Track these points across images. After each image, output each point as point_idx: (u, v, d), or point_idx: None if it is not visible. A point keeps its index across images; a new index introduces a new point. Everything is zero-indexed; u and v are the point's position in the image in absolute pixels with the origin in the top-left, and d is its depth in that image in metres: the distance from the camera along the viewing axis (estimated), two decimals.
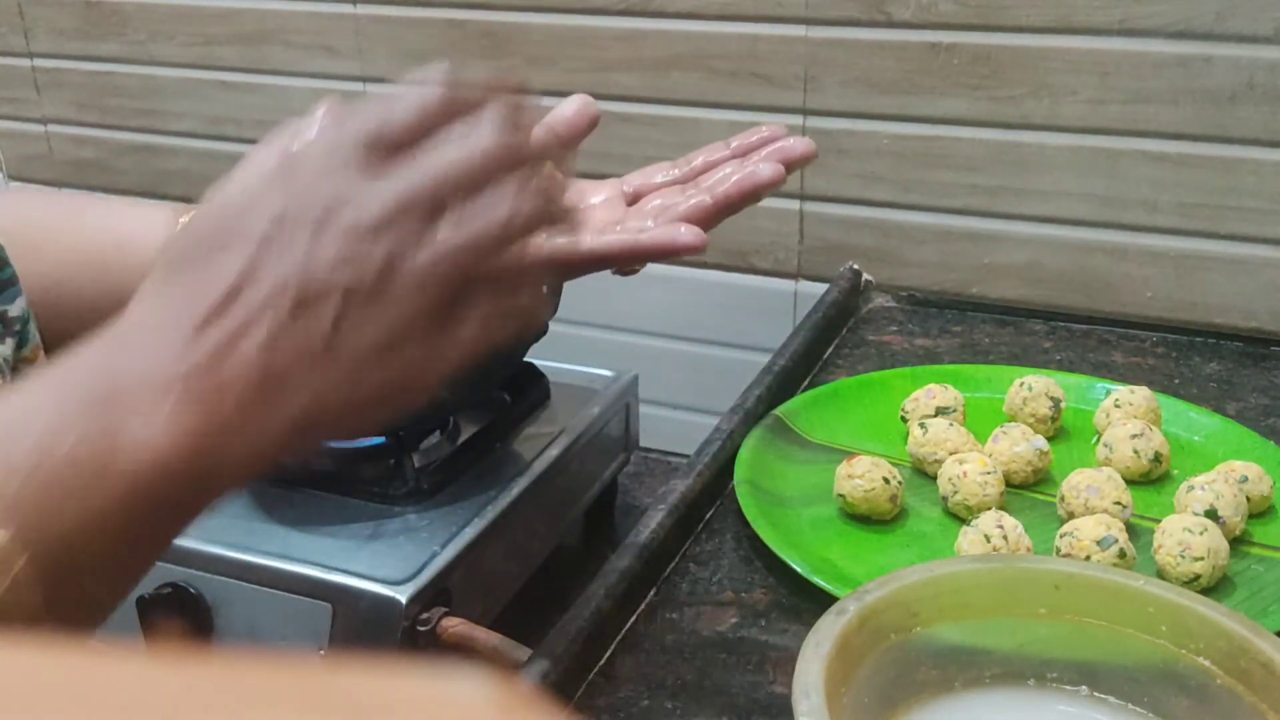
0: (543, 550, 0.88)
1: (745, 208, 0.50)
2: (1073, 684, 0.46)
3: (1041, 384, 0.75)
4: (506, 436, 0.89)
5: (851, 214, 1.02)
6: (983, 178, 0.97)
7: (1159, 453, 0.69)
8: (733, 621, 0.61)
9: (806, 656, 0.40)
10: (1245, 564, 0.62)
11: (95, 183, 1.36)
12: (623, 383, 0.98)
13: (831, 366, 0.89)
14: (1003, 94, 0.94)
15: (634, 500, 1.04)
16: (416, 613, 0.71)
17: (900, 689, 0.44)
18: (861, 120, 0.99)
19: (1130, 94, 0.90)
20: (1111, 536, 0.59)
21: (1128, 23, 0.89)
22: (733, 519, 0.69)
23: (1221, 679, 0.43)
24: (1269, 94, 0.87)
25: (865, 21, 0.96)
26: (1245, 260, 0.91)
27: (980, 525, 0.61)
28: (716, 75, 1.02)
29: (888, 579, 0.45)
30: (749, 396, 0.78)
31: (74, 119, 1.35)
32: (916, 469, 0.72)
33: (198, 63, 1.25)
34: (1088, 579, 0.46)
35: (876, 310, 0.99)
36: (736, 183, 0.49)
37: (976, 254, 0.99)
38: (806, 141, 0.51)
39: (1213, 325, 0.93)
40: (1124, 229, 0.94)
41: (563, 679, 0.55)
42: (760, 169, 0.49)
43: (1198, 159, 0.90)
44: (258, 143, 0.34)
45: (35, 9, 1.31)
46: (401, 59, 1.15)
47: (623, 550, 0.62)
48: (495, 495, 0.81)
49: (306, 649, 0.73)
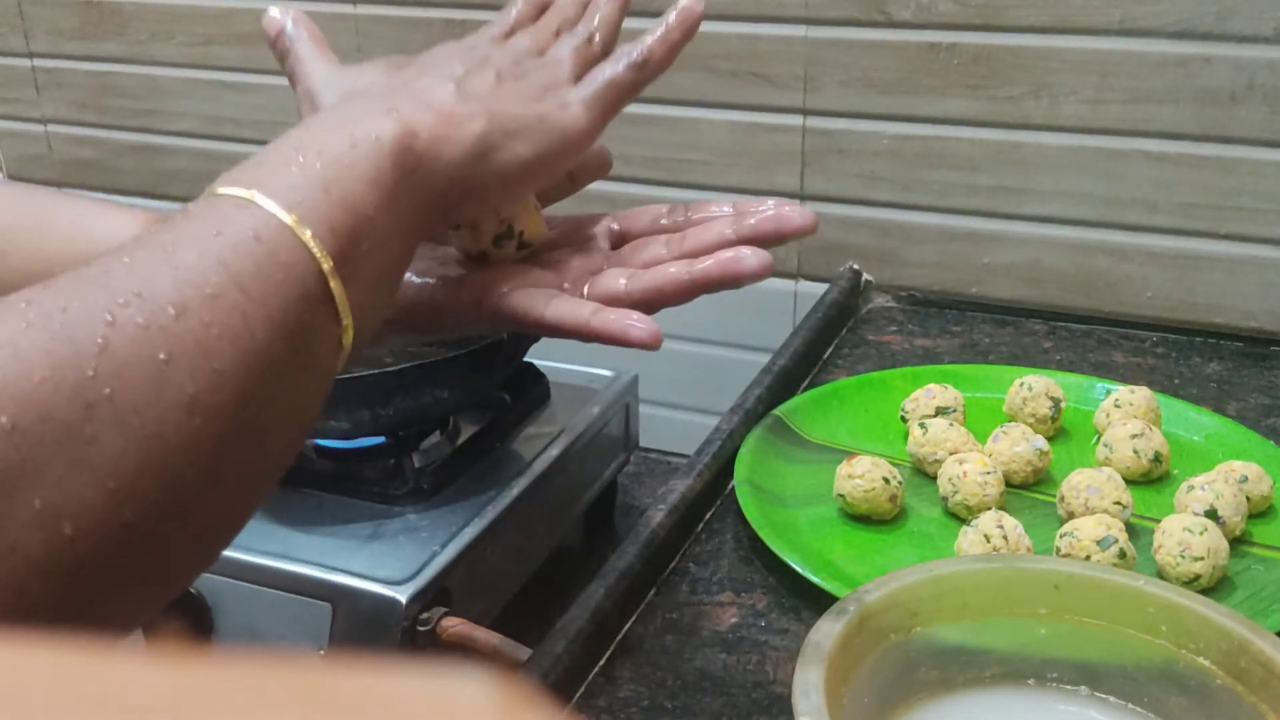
0: (543, 550, 0.88)
1: (724, 290, 0.48)
2: (1073, 684, 0.46)
3: (1041, 384, 0.75)
4: (506, 436, 0.89)
5: (851, 214, 1.02)
6: (983, 178, 0.97)
7: (1159, 453, 0.69)
8: (733, 621, 0.61)
9: (806, 656, 0.40)
10: (1245, 564, 0.62)
11: (95, 183, 1.36)
12: (622, 383, 0.98)
13: (831, 366, 0.89)
14: (1003, 94, 0.94)
15: (634, 500, 1.04)
16: (416, 613, 0.71)
17: (900, 689, 0.44)
18: (861, 120, 0.99)
19: (1130, 94, 0.90)
20: (1111, 536, 0.59)
21: (1128, 23, 0.89)
22: (733, 519, 0.69)
23: (1221, 679, 0.43)
24: (1269, 94, 0.87)
25: (865, 21, 0.96)
26: (1245, 260, 0.91)
27: (980, 525, 0.61)
28: (716, 75, 1.02)
29: (888, 579, 0.45)
30: (749, 396, 0.78)
31: (74, 119, 1.35)
32: (916, 469, 0.72)
33: (198, 63, 1.25)
34: (1088, 579, 0.46)
35: (876, 310, 0.99)
36: (719, 263, 0.47)
37: (976, 254, 0.99)
38: (806, 213, 0.49)
39: (1213, 325, 0.93)
40: (1124, 229, 0.94)
41: (563, 679, 0.55)
42: (746, 259, 0.47)
43: (1198, 159, 0.90)
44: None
45: (35, 9, 1.31)
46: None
47: (623, 550, 0.62)
48: (495, 495, 0.81)
49: (306, 649, 0.74)
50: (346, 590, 0.72)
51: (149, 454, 0.32)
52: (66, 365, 0.31)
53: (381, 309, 0.43)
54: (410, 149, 0.42)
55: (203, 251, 0.35)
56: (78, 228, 0.51)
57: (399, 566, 0.73)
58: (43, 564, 0.30)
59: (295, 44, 0.52)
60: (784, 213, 0.49)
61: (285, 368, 0.37)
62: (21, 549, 0.29)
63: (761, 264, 0.47)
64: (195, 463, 0.34)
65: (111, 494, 0.31)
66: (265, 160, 0.40)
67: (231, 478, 0.36)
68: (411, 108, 0.43)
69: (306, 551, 0.75)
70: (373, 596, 0.71)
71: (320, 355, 0.39)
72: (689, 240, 0.50)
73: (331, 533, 0.77)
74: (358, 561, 0.74)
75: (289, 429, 0.39)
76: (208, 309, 0.34)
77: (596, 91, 0.50)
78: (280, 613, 0.74)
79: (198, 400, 0.33)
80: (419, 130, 0.42)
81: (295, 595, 0.73)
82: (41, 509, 0.30)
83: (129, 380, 0.32)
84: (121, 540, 0.32)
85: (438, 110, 0.44)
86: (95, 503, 0.31)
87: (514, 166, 0.46)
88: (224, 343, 0.34)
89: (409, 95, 0.44)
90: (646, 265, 0.50)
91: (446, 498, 0.81)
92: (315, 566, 0.73)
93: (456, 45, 0.51)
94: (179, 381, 0.33)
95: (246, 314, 0.35)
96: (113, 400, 0.31)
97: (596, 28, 0.53)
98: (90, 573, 0.31)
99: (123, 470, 0.31)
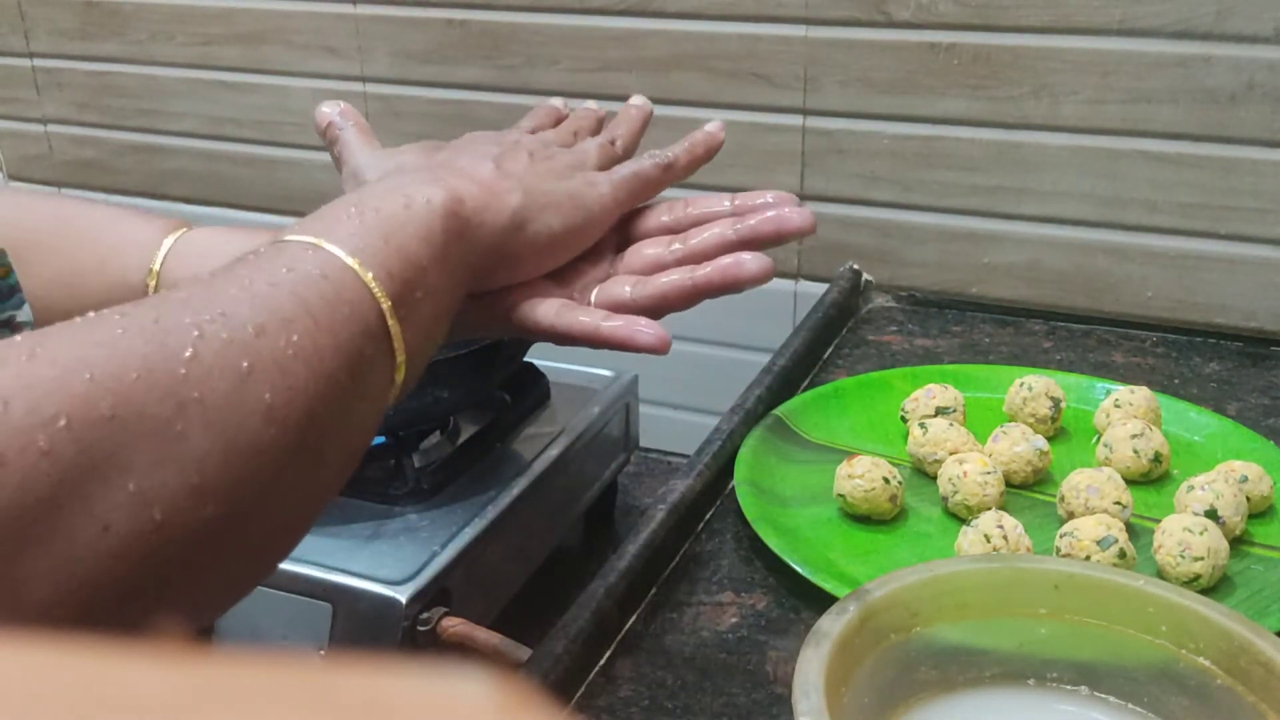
0: (543, 550, 0.88)
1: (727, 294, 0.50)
2: (1073, 684, 0.46)
3: (1041, 384, 0.75)
4: (506, 436, 0.89)
5: (851, 214, 1.02)
6: (983, 178, 0.97)
7: (1159, 453, 0.69)
8: (733, 621, 0.61)
9: (806, 656, 0.40)
10: (1245, 564, 0.62)
11: (95, 183, 1.36)
12: (623, 383, 0.98)
13: (831, 366, 0.89)
14: (1003, 94, 0.94)
15: (634, 500, 1.04)
16: (416, 613, 0.71)
17: (900, 689, 0.44)
18: (861, 120, 0.99)
19: (1130, 94, 0.90)
20: (1111, 536, 0.59)
21: (1128, 23, 0.89)
22: (733, 519, 0.69)
23: (1221, 679, 0.43)
24: (1269, 94, 0.87)
25: (865, 21, 0.96)
26: (1245, 260, 0.91)
27: (980, 525, 0.61)
28: (716, 75, 1.02)
29: (888, 579, 0.45)
30: (749, 396, 0.78)
31: (74, 119, 1.35)
32: (916, 469, 0.72)
33: (198, 63, 1.25)
34: (1088, 579, 0.46)
35: (876, 310, 0.99)
36: (719, 269, 0.49)
37: (976, 254, 0.99)
38: (806, 213, 0.51)
39: (1213, 325, 0.93)
40: (1124, 229, 0.94)
41: (563, 679, 0.55)
42: (747, 264, 0.49)
43: (1198, 159, 0.90)
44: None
45: (35, 9, 1.31)
46: (401, 59, 1.15)
47: (623, 550, 0.62)
48: (495, 495, 0.81)
49: (306, 649, 0.74)
50: (347, 590, 0.72)
51: (230, 455, 0.35)
52: (159, 367, 0.34)
53: (429, 355, 0.46)
54: (457, 214, 0.46)
55: (276, 283, 0.39)
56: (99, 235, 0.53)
57: (399, 566, 0.73)
58: (131, 545, 0.33)
59: (343, 132, 0.56)
60: (783, 214, 0.50)
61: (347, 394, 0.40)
62: (114, 528, 0.32)
63: (762, 268, 0.49)
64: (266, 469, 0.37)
65: (195, 488, 0.34)
66: (325, 214, 0.44)
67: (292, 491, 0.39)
68: (457, 180, 0.47)
69: (306, 551, 0.75)
70: (373, 596, 0.71)
71: (376, 387, 0.42)
72: (690, 242, 0.52)
73: (332, 533, 0.77)
74: (358, 561, 0.74)
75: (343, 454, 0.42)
76: (284, 331, 0.38)
77: (623, 177, 0.54)
78: (280, 613, 0.74)
79: (274, 410, 0.37)
80: (465, 199, 0.47)
81: (295, 595, 0.73)
82: (134, 493, 0.33)
83: (215, 386, 0.35)
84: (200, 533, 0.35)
85: (480, 183, 0.48)
86: (181, 494, 0.34)
87: (545, 238, 0.50)
88: (298, 362, 0.38)
89: (453, 170, 0.49)
90: (649, 268, 0.52)
91: (446, 498, 0.81)
92: (315, 566, 0.73)
93: (487, 133, 0.56)
94: (259, 391, 0.36)
95: (317, 340, 0.38)
96: (201, 403, 0.35)
97: (618, 134, 0.57)
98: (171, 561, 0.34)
99: (207, 467, 0.34)
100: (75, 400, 0.32)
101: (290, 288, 0.39)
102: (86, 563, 0.32)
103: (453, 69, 1.13)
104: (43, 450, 0.31)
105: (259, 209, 1.26)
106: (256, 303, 0.38)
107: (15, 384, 0.32)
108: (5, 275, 0.46)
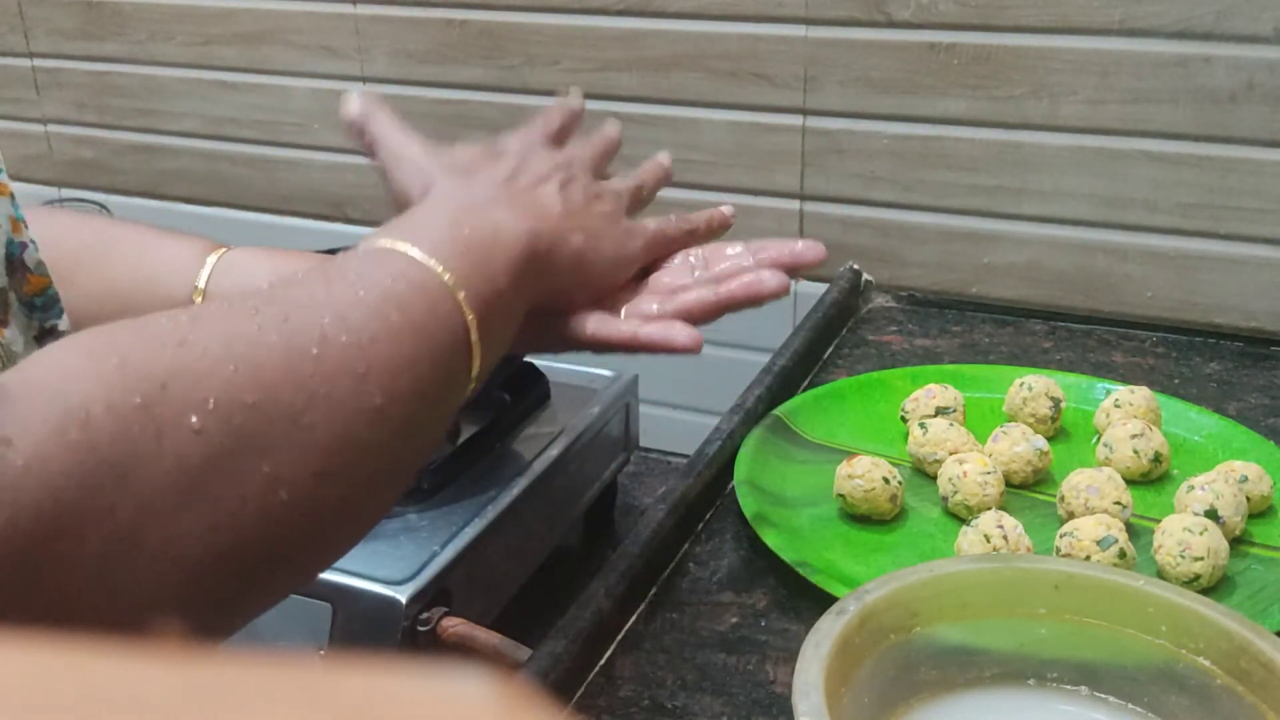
0: (543, 550, 0.88)
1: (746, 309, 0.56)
2: (1073, 684, 0.46)
3: (1041, 384, 0.75)
4: (506, 436, 0.89)
5: (851, 214, 1.02)
6: (983, 178, 0.97)
7: (1159, 453, 0.69)
8: (733, 621, 0.61)
9: (806, 656, 0.40)
10: (1245, 564, 0.62)
11: (95, 183, 1.36)
12: (622, 383, 0.98)
13: (831, 366, 0.89)
14: (1003, 94, 0.94)
15: (634, 500, 1.04)
16: (416, 613, 0.71)
17: (900, 689, 0.44)
18: (861, 120, 0.99)
19: (1130, 94, 0.90)
20: (1111, 536, 0.59)
21: (1128, 23, 0.89)
22: (733, 519, 0.69)
23: (1221, 679, 0.43)
24: (1269, 94, 0.87)
25: (865, 21, 0.96)
26: (1245, 260, 0.91)
27: (980, 525, 0.61)
28: (716, 75, 1.02)
29: (888, 579, 0.45)
30: (749, 396, 0.78)
31: (74, 119, 1.35)
32: (916, 469, 0.72)
33: (198, 63, 1.25)
34: (1088, 579, 0.46)
35: (876, 310, 0.99)
36: (742, 284, 0.56)
37: (976, 254, 0.99)
38: (817, 247, 0.58)
39: (1213, 325, 0.93)
40: (1124, 229, 0.94)
41: (563, 679, 0.55)
42: (767, 280, 0.56)
43: (1198, 159, 0.90)
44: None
45: (35, 9, 1.31)
46: (401, 59, 1.15)
47: (623, 550, 0.62)
48: (495, 495, 0.81)
49: (306, 649, 0.74)
50: (346, 590, 0.72)
51: (346, 447, 0.39)
52: (293, 363, 0.38)
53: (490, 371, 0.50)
54: (534, 249, 0.51)
55: (385, 294, 0.43)
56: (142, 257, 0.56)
57: (399, 566, 0.73)
58: (260, 518, 0.37)
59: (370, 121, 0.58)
60: (797, 250, 0.58)
61: (436, 401, 0.44)
62: (250, 502, 0.36)
63: (781, 284, 0.56)
64: (370, 462, 0.41)
65: (317, 475, 0.38)
66: (420, 226, 0.48)
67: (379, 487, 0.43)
68: (535, 217, 0.52)
69: None
70: (373, 596, 0.71)
71: (454, 399, 0.46)
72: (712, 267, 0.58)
73: None
74: (358, 561, 0.74)
75: (422, 457, 0.46)
76: (393, 340, 0.41)
77: (652, 236, 0.59)
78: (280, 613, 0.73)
79: (383, 411, 0.40)
80: (541, 235, 0.52)
81: (295, 595, 0.73)
82: (269, 473, 0.37)
83: (338, 383, 0.39)
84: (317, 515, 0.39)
85: (551, 221, 0.53)
86: (306, 478, 0.38)
87: (593, 274, 0.56)
88: (404, 369, 0.41)
89: (530, 204, 0.54)
90: (673, 290, 0.58)
91: (446, 498, 0.81)
92: None
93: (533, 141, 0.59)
94: (372, 393, 0.40)
95: (417, 349, 0.42)
96: (327, 397, 0.39)
97: (646, 183, 0.63)
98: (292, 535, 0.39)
99: (329, 457, 0.38)
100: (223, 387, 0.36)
101: (396, 300, 0.43)
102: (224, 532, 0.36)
103: (453, 69, 1.13)
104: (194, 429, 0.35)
105: (259, 209, 1.26)
106: (368, 311, 0.41)
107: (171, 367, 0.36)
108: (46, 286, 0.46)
